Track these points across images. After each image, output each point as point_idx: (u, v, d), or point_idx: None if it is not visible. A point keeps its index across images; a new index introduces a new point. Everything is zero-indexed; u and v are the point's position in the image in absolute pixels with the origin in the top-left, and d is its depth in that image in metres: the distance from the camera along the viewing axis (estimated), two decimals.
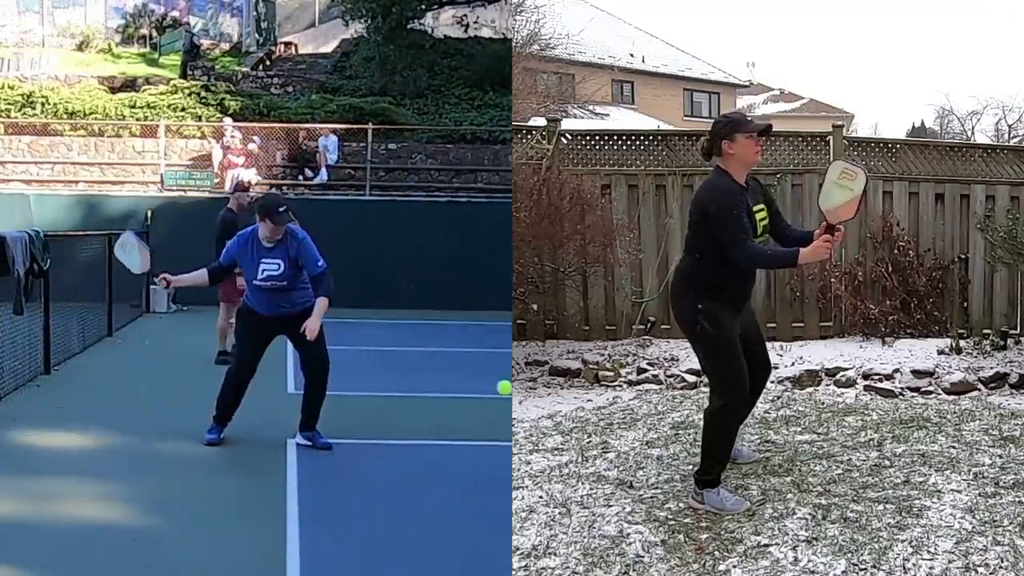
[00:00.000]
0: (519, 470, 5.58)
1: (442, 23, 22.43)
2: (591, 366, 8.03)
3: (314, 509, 5.27)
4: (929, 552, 4.27)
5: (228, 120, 17.76)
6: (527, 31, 22.17)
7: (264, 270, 6.27)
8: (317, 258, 6.29)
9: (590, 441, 6.15)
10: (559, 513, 4.88)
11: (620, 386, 7.79)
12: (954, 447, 5.79)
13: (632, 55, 32.73)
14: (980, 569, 4.11)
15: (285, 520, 5.06)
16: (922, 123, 37.66)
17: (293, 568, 4.46)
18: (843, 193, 4.56)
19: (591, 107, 26.24)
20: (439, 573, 4.54)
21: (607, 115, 26.57)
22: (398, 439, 6.88)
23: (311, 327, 6.16)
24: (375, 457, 6.47)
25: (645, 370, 7.93)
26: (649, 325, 8.78)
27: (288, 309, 6.35)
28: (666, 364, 8.01)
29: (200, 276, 6.52)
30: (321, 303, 6.23)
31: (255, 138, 17.44)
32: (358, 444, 6.66)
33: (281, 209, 6.27)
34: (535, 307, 8.75)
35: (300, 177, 17.66)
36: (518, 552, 4.44)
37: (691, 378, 7.66)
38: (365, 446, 6.68)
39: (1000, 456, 5.59)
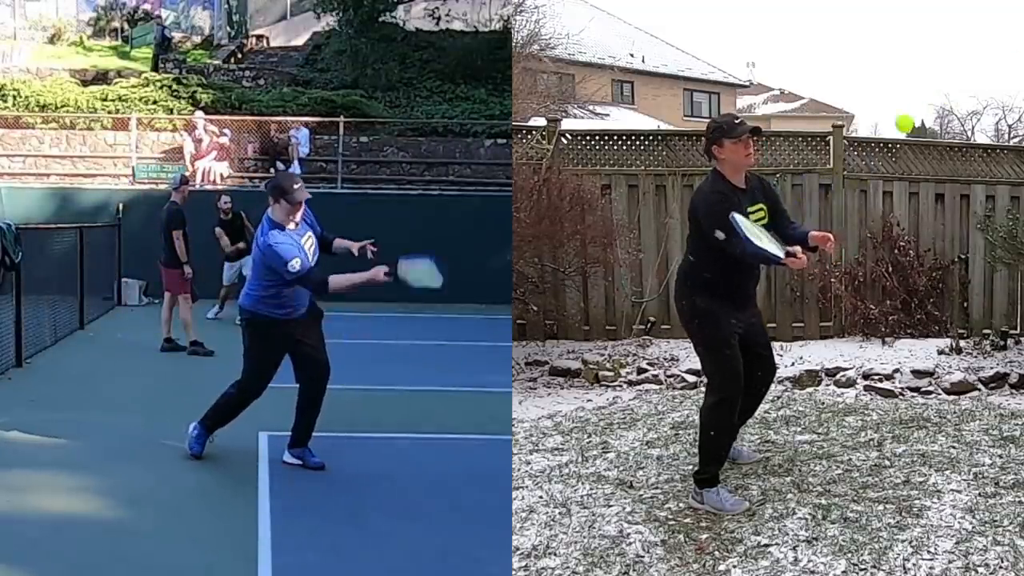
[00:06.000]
0: (519, 470, 5.58)
1: (413, 16, 22.36)
2: (591, 366, 8.02)
3: (285, 503, 5.24)
4: (929, 552, 4.27)
5: (200, 113, 17.65)
6: (527, 31, 22.13)
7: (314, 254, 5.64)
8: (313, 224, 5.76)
9: (590, 441, 6.15)
10: (559, 513, 4.88)
11: (620, 386, 7.79)
12: (954, 447, 5.79)
13: (632, 55, 32.70)
14: (980, 569, 4.11)
15: (256, 514, 5.03)
16: (922, 123, 37.53)
17: (264, 567, 4.41)
18: None
19: (591, 107, 26.20)
20: (438, 573, 4.53)
21: (607, 115, 26.53)
22: (375, 432, 6.86)
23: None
24: (353, 451, 6.34)
25: (645, 370, 7.92)
26: (649, 325, 8.78)
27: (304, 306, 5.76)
28: (666, 364, 8.01)
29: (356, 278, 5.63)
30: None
31: (226, 131, 17.33)
32: (341, 437, 6.46)
33: (296, 186, 5.50)
34: (535, 307, 8.74)
35: (272, 170, 17.61)
36: (518, 552, 4.44)
37: (691, 378, 7.66)
38: (345, 440, 6.50)
39: (1000, 456, 5.59)
